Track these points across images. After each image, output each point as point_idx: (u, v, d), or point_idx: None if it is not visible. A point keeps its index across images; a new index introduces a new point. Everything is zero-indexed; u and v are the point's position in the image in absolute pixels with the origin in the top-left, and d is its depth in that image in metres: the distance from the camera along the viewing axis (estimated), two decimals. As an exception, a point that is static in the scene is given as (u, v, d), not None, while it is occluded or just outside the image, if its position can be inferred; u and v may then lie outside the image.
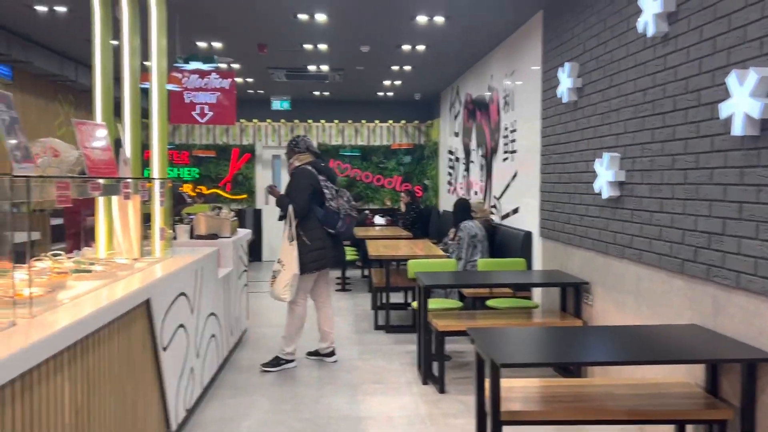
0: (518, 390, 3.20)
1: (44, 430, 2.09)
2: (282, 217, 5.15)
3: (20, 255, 2.57)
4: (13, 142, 2.42)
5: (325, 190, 5.12)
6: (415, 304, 5.53)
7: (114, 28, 4.28)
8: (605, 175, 4.22)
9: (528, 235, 6.06)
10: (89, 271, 3.23)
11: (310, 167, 5.15)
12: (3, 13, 6.12)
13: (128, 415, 2.91)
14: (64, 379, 2.25)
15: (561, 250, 5.26)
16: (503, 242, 6.59)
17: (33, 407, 2.02)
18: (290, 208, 5.00)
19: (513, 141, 6.80)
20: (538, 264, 5.87)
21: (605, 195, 4.26)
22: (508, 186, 6.98)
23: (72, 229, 5.53)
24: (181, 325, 3.75)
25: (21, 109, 7.55)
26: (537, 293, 5.88)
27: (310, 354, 5.44)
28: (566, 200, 5.10)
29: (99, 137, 3.52)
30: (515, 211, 6.70)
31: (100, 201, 4.07)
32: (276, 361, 5.13)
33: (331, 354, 5.36)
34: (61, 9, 5.89)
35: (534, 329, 3.65)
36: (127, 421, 2.90)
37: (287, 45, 7.33)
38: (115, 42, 4.24)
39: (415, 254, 6.37)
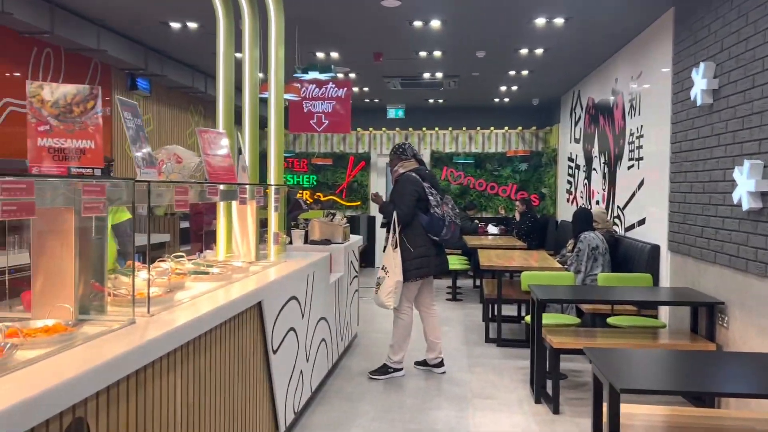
0: (641, 418, 2.93)
1: (156, 425, 2.17)
2: (385, 224, 5.13)
3: (148, 256, 2.71)
4: (138, 148, 2.56)
5: (430, 197, 5.03)
6: (528, 319, 5.30)
7: (237, 41, 4.47)
8: (745, 184, 3.80)
9: (655, 249, 5.62)
10: (207, 273, 3.36)
11: (414, 174, 5.09)
12: (142, 31, 6.62)
13: (238, 415, 2.98)
14: (177, 377, 2.32)
15: (692, 265, 4.82)
16: (627, 255, 6.17)
17: (146, 402, 2.10)
18: (394, 214, 4.97)
19: (639, 147, 6.37)
20: (665, 280, 5.42)
21: (745, 206, 3.83)
22: (633, 195, 6.54)
23: (196, 232, 5.85)
24: (292, 329, 3.81)
25: (157, 119, 8.15)
26: (664, 312, 5.44)
27: (418, 364, 5.37)
28: (699, 211, 4.66)
29: (220, 145, 3.67)
30: (641, 222, 6.25)
31: (221, 206, 4.26)
32: (384, 369, 5.11)
33: (440, 365, 5.25)
34: (192, 25, 6.27)
35: (660, 352, 3.34)
36: (237, 420, 2.97)
37: (402, 53, 7.35)
38: (239, 55, 4.43)
39: (529, 266, 6.12)
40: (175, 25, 6.30)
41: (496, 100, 11.03)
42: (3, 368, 1.66)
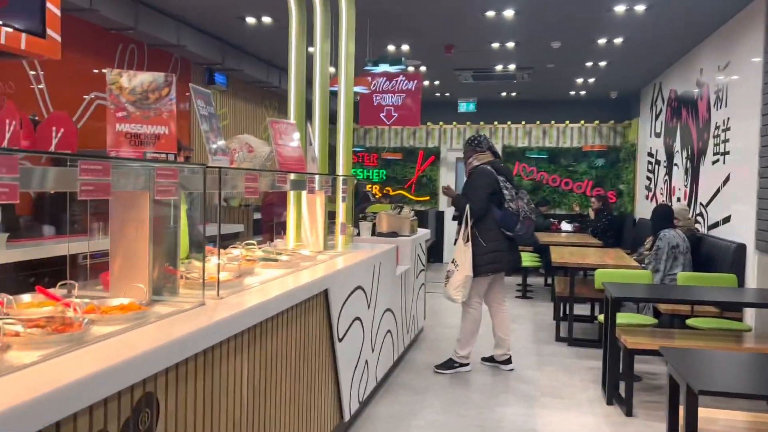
0: (721, 423, 2.76)
1: (223, 405, 2.22)
2: (456, 217, 5.06)
3: (218, 241, 2.78)
4: (211, 136, 2.62)
5: (504, 191, 4.93)
6: (601, 318, 5.11)
7: (309, 35, 4.53)
8: None
9: (741, 248, 5.30)
10: (275, 260, 3.42)
11: (489, 167, 4.99)
12: (219, 26, 6.83)
13: (303, 401, 3.02)
14: (243, 359, 2.37)
15: (783, 266, 4.51)
16: (710, 255, 5.85)
17: (213, 383, 2.15)
18: (467, 208, 4.89)
19: (725, 141, 6.01)
20: (752, 281, 5.10)
21: None
22: (717, 192, 6.19)
23: (268, 222, 5.99)
24: (357, 318, 3.83)
25: (233, 113, 8.39)
26: (749, 315, 5.12)
27: (485, 360, 5.29)
28: (792, 208, 4.35)
29: (290, 135, 3.73)
30: (726, 220, 5.91)
31: (291, 196, 4.33)
32: (450, 364, 5.06)
33: (508, 362, 5.15)
34: (267, 19, 6.41)
35: (745, 355, 3.14)
36: (302, 406, 3.01)
37: (474, 45, 7.25)
38: (311, 49, 4.49)
39: (604, 263, 5.90)
40: (251, 20, 6.45)
41: (572, 93, 10.71)
42: (80, 341, 1.74)
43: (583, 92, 10.62)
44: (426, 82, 9.65)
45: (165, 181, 2.13)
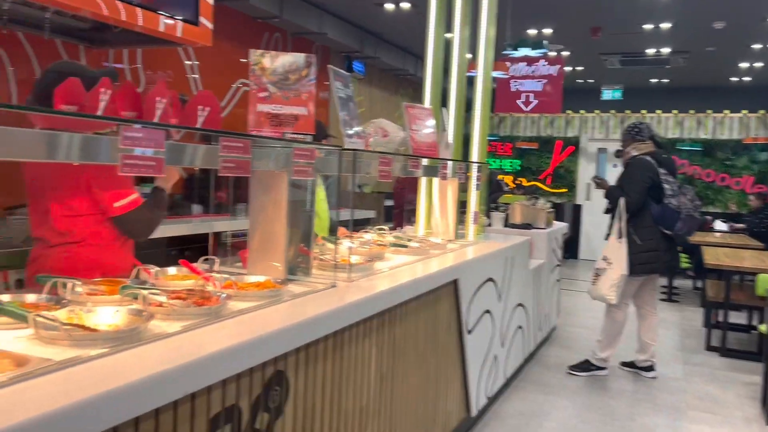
0: None
1: (351, 388, 2.20)
2: (609, 210, 4.71)
3: (351, 223, 2.78)
4: (347, 118, 2.60)
5: (665, 185, 4.49)
6: (763, 328, 4.56)
7: (448, 21, 4.42)
8: None
9: None
10: (406, 246, 3.37)
11: (649, 158, 4.58)
12: (359, 13, 6.90)
13: (430, 392, 2.95)
14: (372, 344, 2.34)
15: None
16: None
17: (342, 365, 2.13)
18: (621, 201, 4.53)
19: None
20: None
21: None
22: None
23: (398, 209, 5.98)
24: (488, 311, 3.69)
25: (369, 100, 8.49)
26: None
27: (624, 364, 4.92)
28: None
29: (425, 121, 3.66)
30: None
31: (423, 183, 4.26)
32: (586, 365, 4.77)
33: (650, 369, 4.76)
34: (405, 5, 6.37)
35: None
36: (429, 397, 2.94)
37: (624, 27, 6.75)
38: (448, 35, 4.38)
39: (766, 267, 5.27)
40: (389, 6, 6.45)
41: (734, 78, 9.70)
42: (217, 315, 1.77)
43: (747, 78, 9.58)
44: (567, 68, 9.18)
45: (302, 161, 2.13)
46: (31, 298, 1.76)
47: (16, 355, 1.33)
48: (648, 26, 6.69)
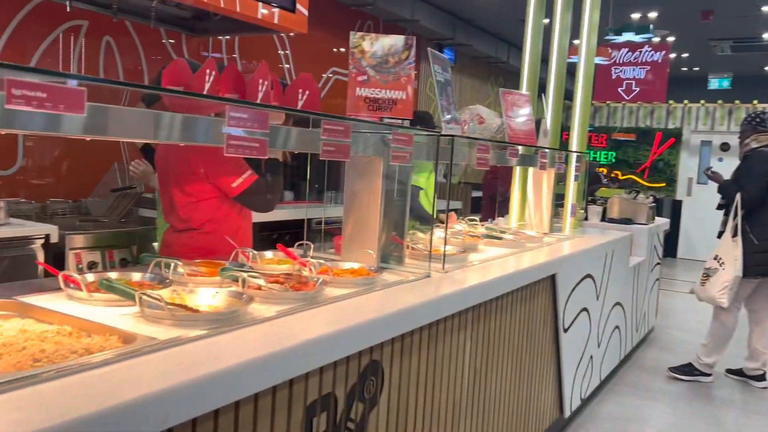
0: None
1: (444, 383, 2.13)
2: (722, 207, 4.37)
3: (447, 213, 2.70)
4: (444, 103, 2.52)
5: None
6: None
7: (548, 6, 4.23)
8: None
9: None
10: (499, 239, 3.25)
11: None
12: (451, 0, 6.76)
13: (523, 389, 2.84)
14: (466, 338, 2.26)
15: None
16: None
17: (437, 358, 2.06)
18: (737, 196, 4.19)
19: None
20: None
21: None
22: None
23: (488, 201, 5.82)
24: (585, 309, 3.51)
25: (459, 89, 8.34)
26: None
27: (731, 372, 4.57)
28: None
29: (522, 107, 3.51)
30: None
31: (517, 173, 4.11)
32: (689, 369, 4.46)
33: (761, 378, 4.39)
34: (500, -10, 6.19)
35: None
36: (522, 395, 2.83)
37: (739, 9, 6.24)
38: (546, 20, 4.19)
39: None
40: (484, -8, 6.28)
41: None
42: (313, 301, 1.75)
43: None
44: (672, 54, 8.64)
45: (400, 146, 2.07)
46: (136, 276, 1.81)
47: (124, 332, 1.35)
48: (767, 8, 6.17)
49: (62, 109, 1.05)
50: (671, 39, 7.65)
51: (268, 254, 2.31)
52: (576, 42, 4.48)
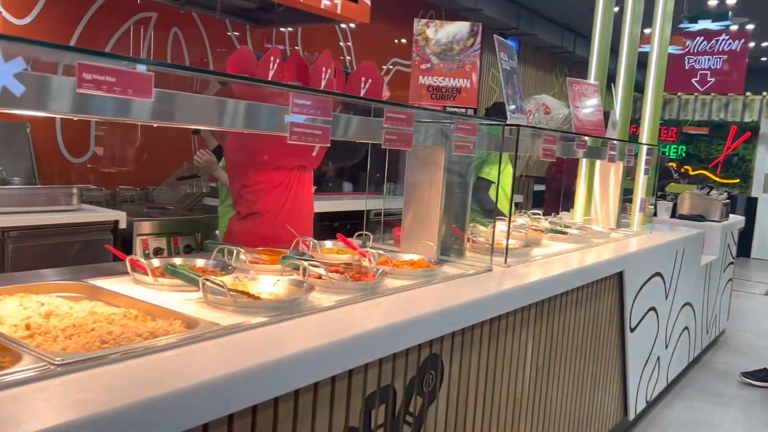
0: None
1: (504, 380, 2.07)
2: None
3: (511, 206, 2.63)
4: (510, 91, 2.45)
5: None
6: None
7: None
8: None
9: None
10: (564, 233, 3.15)
11: None
12: (516, -11, 6.61)
13: (587, 390, 2.74)
14: (528, 335, 2.19)
15: None
16: None
17: (498, 354, 2.01)
18: None
19: None
20: None
21: None
22: None
23: (550, 194, 5.68)
24: (653, 308, 3.37)
25: (522, 79, 8.16)
26: None
27: (810, 380, 4.30)
28: None
29: (590, 97, 3.39)
30: None
31: (583, 165, 3.98)
32: (764, 375, 4.23)
33: (844, 388, 4.12)
34: (567, -22, 5.99)
35: None
36: (585, 395, 2.73)
37: (828, -7, 5.84)
38: (616, 9, 4.03)
39: None
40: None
41: None
42: (373, 291, 1.72)
43: None
44: (750, 44, 8.18)
45: (463, 135, 2.02)
46: (199, 262, 1.83)
47: (187, 317, 1.36)
48: None
49: (130, 93, 1.06)
50: (750, 27, 7.23)
51: (328, 244, 2.30)
52: (648, 31, 4.29)
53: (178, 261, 1.80)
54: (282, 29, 5.01)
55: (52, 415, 0.89)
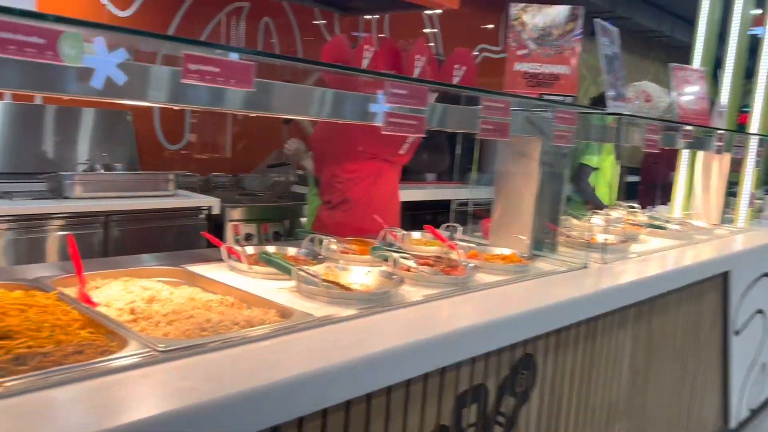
0: None
1: (599, 382, 1.97)
2: None
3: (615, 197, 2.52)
4: (611, 79, 2.31)
5: None
6: None
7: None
8: None
9: None
10: (664, 229, 2.97)
11: None
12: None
13: (685, 395, 2.59)
14: (626, 336, 2.08)
15: None
16: None
17: (594, 356, 1.91)
18: None
19: None
20: None
21: None
22: None
23: (645, 186, 5.41)
24: (760, 311, 3.13)
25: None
26: None
27: None
28: None
29: (695, 84, 3.17)
30: None
31: (684, 156, 3.74)
32: None
33: None
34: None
35: None
36: (683, 401, 2.58)
37: None
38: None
39: None
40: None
41: None
42: (464, 286, 1.68)
43: None
44: None
45: (563, 125, 1.92)
46: (291, 251, 1.84)
47: (282, 306, 1.36)
48: None
49: (233, 84, 1.06)
50: None
51: (416, 235, 2.27)
52: (759, 12, 3.96)
53: (271, 249, 1.82)
54: (368, 17, 5.00)
55: (156, 403, 0.91)
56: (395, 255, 1.71)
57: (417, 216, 4.15)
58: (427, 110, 1.53)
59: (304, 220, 3.68)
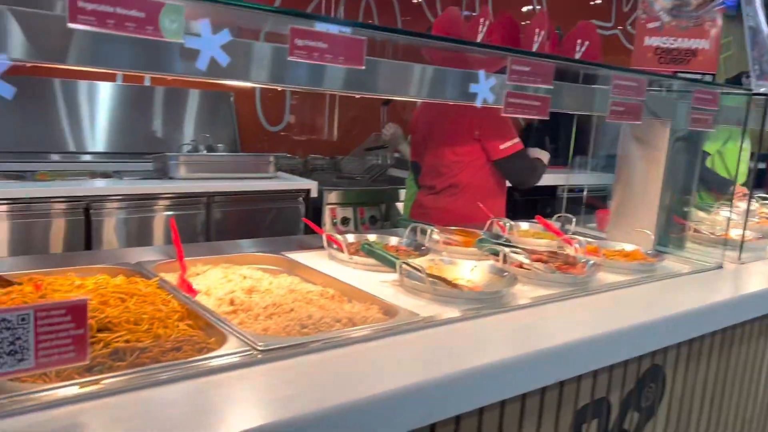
0: None
1: (734, 397, 1.75)
2: None
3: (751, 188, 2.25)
4: (756, 55, 2.03)
5: None
6: None
7: None
8: None
9: None
10: (806, 224, 2.63)
11: None
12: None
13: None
14: (765, 347, 1.83)
15: None
16: None
17: (728, 368, 1.69)
18: None
19: None
20: None
21: None
22: None
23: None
24: None
25: (738, 43, 7.12)
26: None
27: None
28: None
29: None
30: None
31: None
32: None
33: None
34: None
35: None
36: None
37: None
38: None
39: None
40: None
41: None
42: (584, 287, 1.51)
43: None
44: None
45: (701, 107, 1.69)
46: (393, 240, 1.74)
47: (385, 303, 1.26)
48: None
49: (341, 61, 0.96)
50: None
51: (524, 225, 2.11)
52: None
53: (372, 237, 1.73)
54: (472, -7, 4.79)
55: (256, 413, 0.83)
56: (506, 249, 1.57)
57: (518, 201, 3.95)
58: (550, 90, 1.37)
59: (400, 204, 3.58)
